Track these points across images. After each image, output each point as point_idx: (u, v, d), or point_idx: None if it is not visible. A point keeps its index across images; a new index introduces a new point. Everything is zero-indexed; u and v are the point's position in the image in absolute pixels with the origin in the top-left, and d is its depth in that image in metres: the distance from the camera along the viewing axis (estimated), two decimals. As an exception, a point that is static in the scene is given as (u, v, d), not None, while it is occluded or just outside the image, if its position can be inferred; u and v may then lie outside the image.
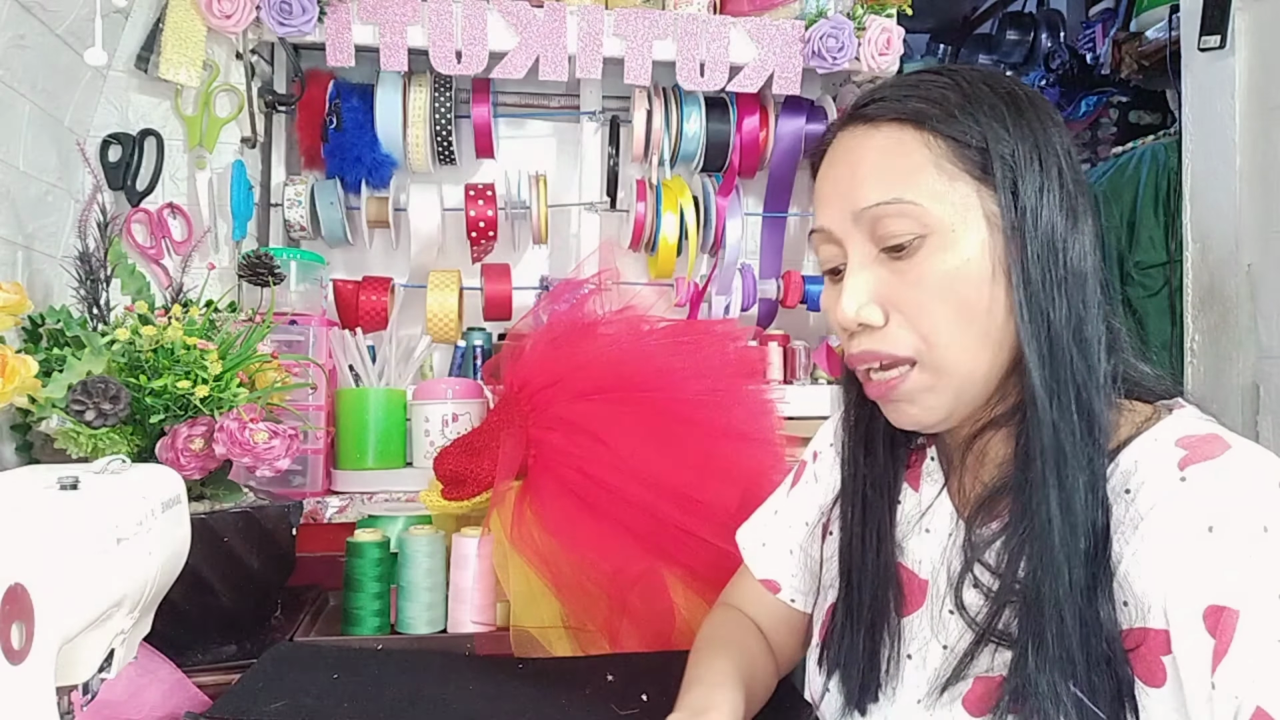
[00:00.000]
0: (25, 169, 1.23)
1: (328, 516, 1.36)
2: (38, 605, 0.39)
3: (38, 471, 0.54)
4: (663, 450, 1.01)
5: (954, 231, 0.59)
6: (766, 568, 0.80)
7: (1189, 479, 0.52)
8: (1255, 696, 0.46)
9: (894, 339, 0.60)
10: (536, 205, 1.55)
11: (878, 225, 0.60)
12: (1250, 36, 1.61)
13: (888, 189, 0.60)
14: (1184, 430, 0.56)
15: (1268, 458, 0.52)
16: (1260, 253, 1.60)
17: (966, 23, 2.82)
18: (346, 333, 1.47)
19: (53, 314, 1.09)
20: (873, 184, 0.60)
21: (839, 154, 0.64)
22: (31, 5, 1.18)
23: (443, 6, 1.45)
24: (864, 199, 0.60)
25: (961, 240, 0.59)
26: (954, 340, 0.59)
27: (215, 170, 1.47)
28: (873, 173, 0.61)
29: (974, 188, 0.59)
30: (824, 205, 0.65)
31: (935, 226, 0.59)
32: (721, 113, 1.61)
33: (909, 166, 0.60)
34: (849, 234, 0.62)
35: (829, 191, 0.64)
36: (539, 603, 0.97)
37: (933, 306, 0.59)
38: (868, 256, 0.62)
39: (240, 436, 0.90)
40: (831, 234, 0.64)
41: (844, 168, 0.63)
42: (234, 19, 1.40)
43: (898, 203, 0.59)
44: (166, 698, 0.74)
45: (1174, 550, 0.52)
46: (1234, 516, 0.50)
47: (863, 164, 0.62)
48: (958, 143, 0.59)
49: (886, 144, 0.61)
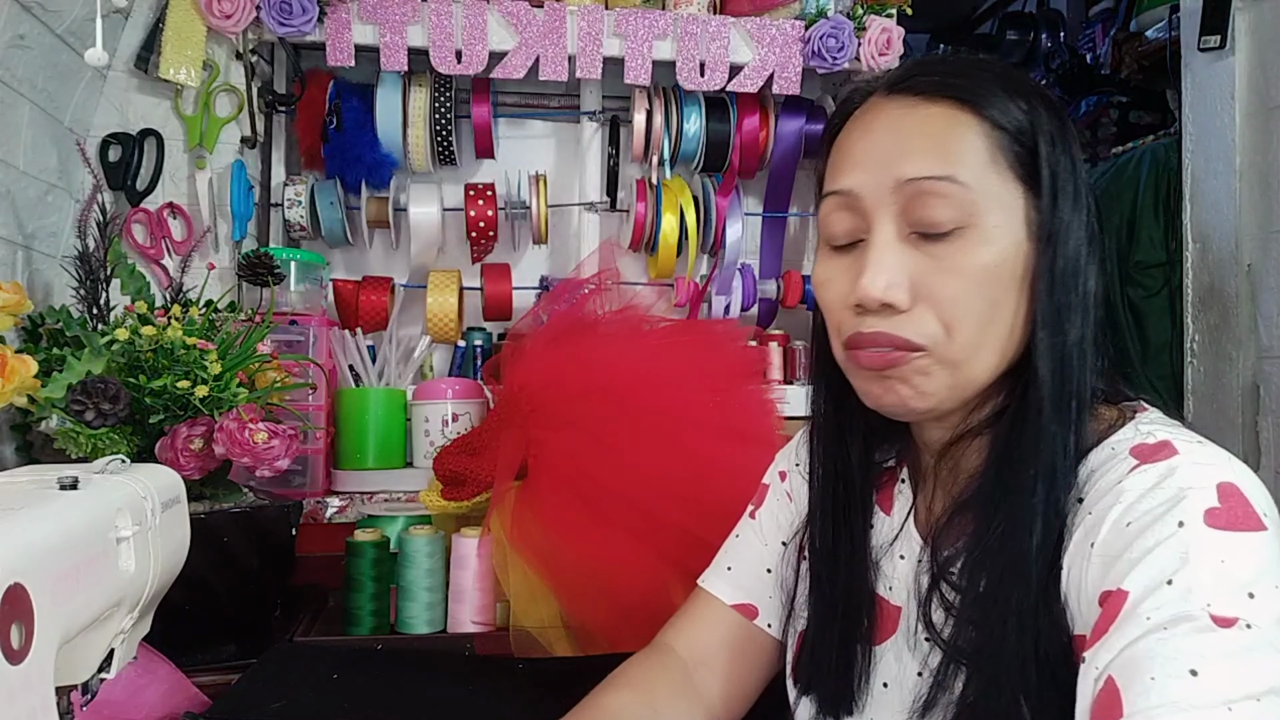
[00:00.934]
0: (25, 169, 1.23)
1: (328, 516, 1.36)
2: (38, 605, 0.39)
3: (38, 471, 0.54)
4: (663, 450, 1.01)
5: (996, 227, 0.57)
6: (737, 592, 0.75)
7: (1124, 483, 0.52)
8: (1110, 668, 0.45)
9: (915, 325, 0.57)
10: (536, 205, 1.55)
11: (920, 201, 0.56)
12: (1250, 36, 1.61)
13: (941, 165, 0.56)
14: (1140, 439, 0.55)
15: (1211, 463, 0.51)
16: (1260, 253, 1.60)
17: (966, 23, 2.82)
18: (346, 333, 1.47)
19: (53, 314, 1.09)
20: (923, 156, 0.57)
21: (879, 120, 0.60)
22: (31, 5, 1.17)
23: (443, 6, 1.45)
24: (912, 169, 0.57)
25: (1001, 238, 0.57)
26: (973, 337, 0.57)
27: (215, 170, 1.47)
28: (925, 145, 0.57)
29: (1020, 189, 0.57)
30: (854, 169, 0.60)
31: (979, 217, 0.56)
32: (721, 113, 1.61)
33: (963, 149, 0.57)
34: (881, 204, 0.58)
35: (863, 156, 0.60)
36: (539, 603, 0.97)
37: (965, 299, 0.56)
38: (898, 233, 0.58)
39: (240, 436, 0.90)
40: (859, 201, 0.59)
41: (887, 134, 0.59)
42: (234, 19, 1.40)
43: (950, 181, 0.56)
44: (166, 698, 0.74)
45: (1098, 549, 0.51)
46: (1153, 512, 0.49)
47: (913, 134, 0.58)
48: (1013, 140, 0.57)
49: (941, 121, 0.58)
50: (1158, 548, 0.48)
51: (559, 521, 0.99)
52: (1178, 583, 0.46)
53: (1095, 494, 0.54)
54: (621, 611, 0.95)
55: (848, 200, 0.60)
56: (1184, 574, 0.46)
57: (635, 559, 0.96)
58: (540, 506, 1.00)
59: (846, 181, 0.60)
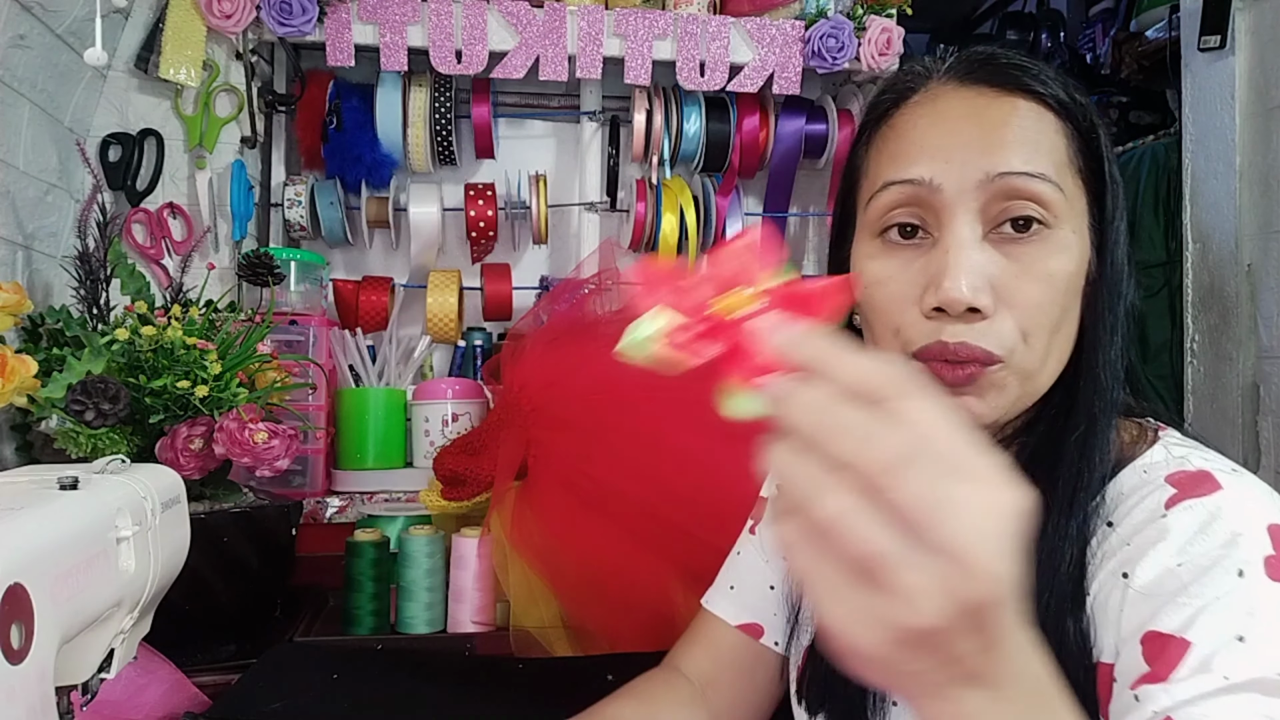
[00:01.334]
0: (25, 169, 1.23)
1: (328, 516, 1.36)
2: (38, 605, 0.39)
3: (38, 471, 0.54)
4: (664, 450, 1.01)
5: (1073, 233, 0.55)
6: (741, 612, 0.73)
7: (1170, 518, 0.50)
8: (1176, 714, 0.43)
9: (996, 334, 0.53)
10: (536, 205, 1.55)
11: (1009, 199, 0.53)
12: (1250, 36, 1.61)
13: (1037, 163, 0.54)
14: (1176, 465, 0.53)
15: (1258, 499, 0.49)
16: (1260, 253, 1.60)
17: (966, 23, 2.82)
18: (346, 333, 1.47)
19: (53, 314, 1.09)
20: (1018, 151, 0.54)
21: (954, 108, 0.57)
22: (31, 5, 1.17)
23: (443, 6, 1.45)
24: (1006, 163, 0.53)
25: (1075, 243, 0.55)
26: (1044, 347, 0.54)
27: (215, 170, 1.47)
28: (1018, 139, 0.54)
29: (1088, 201, 0.56)
30: (928, 158, 0.55)
31: (1061, 220, 0.54)
32: (721, 113, 1.61)
33: (1052, 148, 0.55)
34: (962, 198, 0.54)
35: (941, 144, 0.55)
36: (539, 603, 0.97)
37: (1044, 306, 0.53)
38: (976, 233, 0.54)
39: (240, 436, 0.90)
40: (935, 193, 0.55)
41: (970, 124, 0.55)
42: (234, 19, 1.40)
43: (1043, 179, 0.53)
44: (166, 698, 0.74)
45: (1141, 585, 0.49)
46: (1208, 556, 0.47)
47: (1003, 128, 0.54)
48: (1083, 142, 0.56)
49: (1030, 116, 0.55)
50: (1221, 600, 0.46)
51: (559, 521, 0.99)
52: (1250, 641, 0.44)
53: (1129, 522, 0.52)
54: (621, 611, 0.95)
55: (918, 192, 0.55)
56: (1254, 631, 0.44)
57: (635, 559, 0.96)
58: (540, 506, 1.00)
59: (919, 170, 0.55)
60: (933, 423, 0.32)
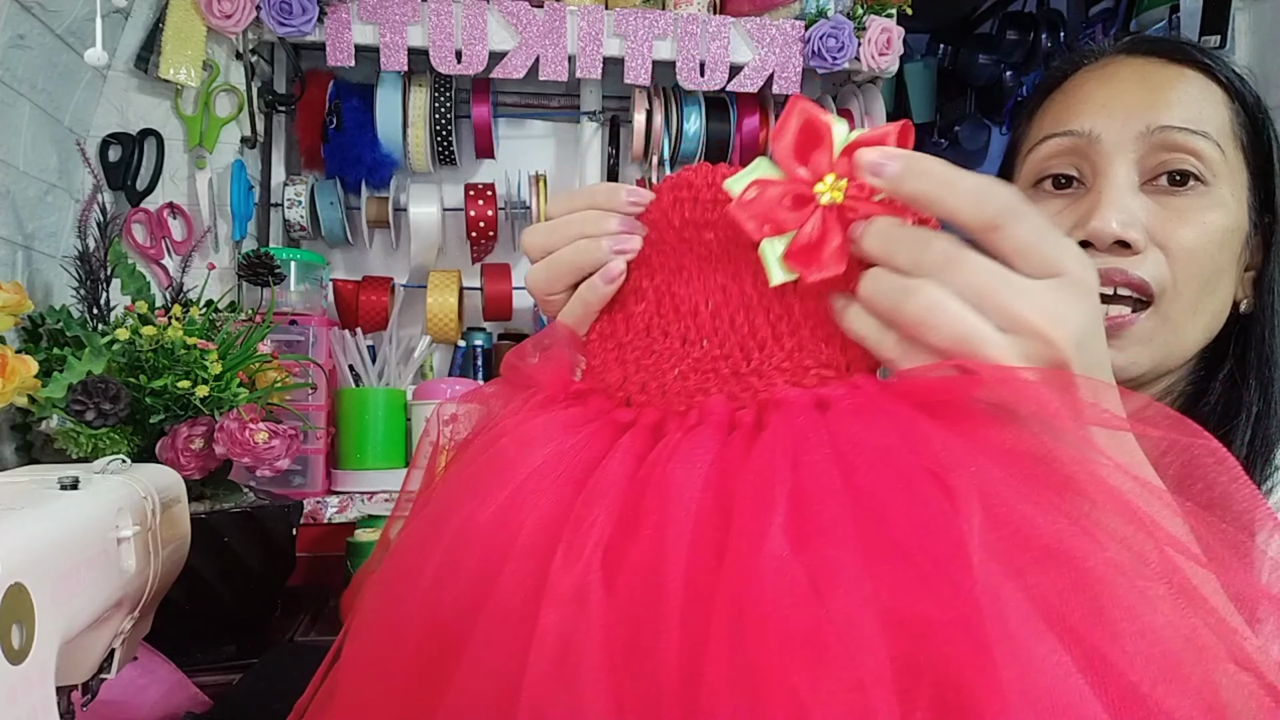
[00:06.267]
0: (25, 169, 1.23)
1: (328, 516, 1.36)
2: (38, 605, 0.39)
3: (38, 471, 0.54)
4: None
5: (1232, 197, 0.55)
6: None
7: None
8: None
9: (1149, 265, 0.54)
10: (536, 205, 1.55)
11: (1168, 150, 0.55)
12: (1250, 36, 1.61)
13: (1196, 120, 0.55)
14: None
15: None
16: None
17: (966, 23, 2.82)
18: (346, 333, 1.47)
19: (53, 314, 1.09)
20: (1179, 108, 0.55)
21: (1123, 71, 0.58)
22: (31, 5, 1.17)
23: (443, 6, 1.45)
24: (1167, 117, 0.55)
25: (1233, 207, 0.55)
26: (1194, 300, 0.54)
27: (215, 170, 1.47)
28: (1181, 98, 0.56)
29: (1249, 179, 0.57)
30: (1092, 113, 0.57)
31: (1219, 181, 0.55)
32: (721, 113, 1.61)
33: (1214, 114, 0.56)
34: (1120, 149, 0.56)
35: (1106, 101, 0.57)
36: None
37: (1198, 251, 0.54)
38: (1133, 180, 0.55)
39: (240, 436, 0.90)
40: (1095, 144, 0.57)
41: (1136, 84, 0.57)
42: (234, 19, 1.40)
43: (1204, 136, 0.55)
44: (166, 698, 0.74)
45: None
46: None
47: (1167, 88, 0.56)
48: (1248, 119, 0.57)
49: (1194, 85, 0.57)
50: None
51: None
52: None
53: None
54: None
55: (1078, 143, 0.57)
56: None
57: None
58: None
59: (1081, 123, 0.57)
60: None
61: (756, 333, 0.39)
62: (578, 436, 0.37)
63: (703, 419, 0.36)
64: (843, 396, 0.34)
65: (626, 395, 0.41)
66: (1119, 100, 0.57)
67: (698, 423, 0.36)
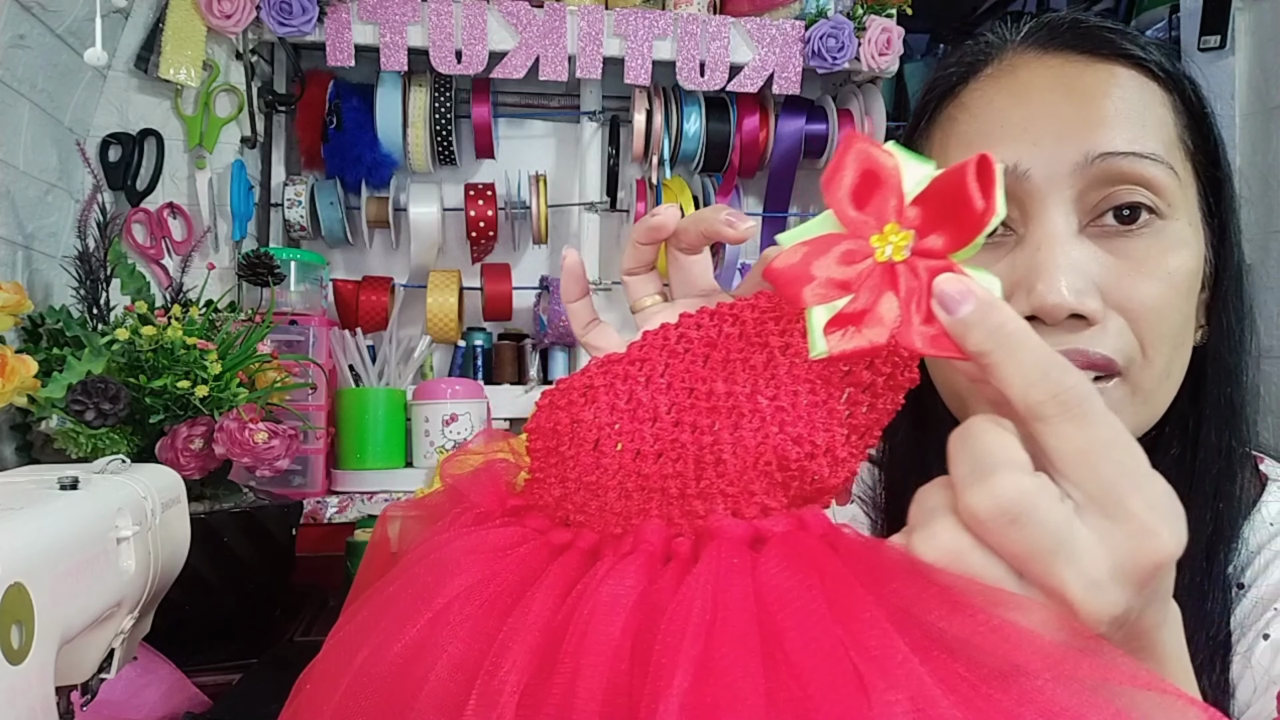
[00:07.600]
0: (25, 169, 1.23)
1: (328, 516, 1.36)
2: (38, 605, 0.39)
3: (38, 471, 0.54)
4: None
5: (1189, 227, 0.45)
6: None
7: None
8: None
9: (1110, 338, 0.44)
10: (536, 205, 1.55)
11: (1109, 185, 0.44)
12: (1250, 36, 1.61)
13: (1140, 138, 0.44)
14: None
15: None
16: (1260, 252, 1.60)
17: (966, 23, 2.82)
18: (346, 333, 1.47)
19: (53, 314, 1.09)
20: (1121, 127, 0.44)
21: (1039, 79, 0.47)
22: (31, 5, 1.17)
23: (443, 6, 1.45)
24: (1106, 141, 0.44)
25: (1192, 241, 0.45)
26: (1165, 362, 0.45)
27: (215, 170, 1.47)
28: (1120, 113, 0.45)
29: (1202, 192, 0.47)
30: (1013, 140, 0.45)
31: (1177, 212, 0.45)
32: (721, 113, 1.61)
33: (1158, 123, 0.45)
34: (1054, 185, 0.45)
35: (1026, 122, 0.46)
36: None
37: (1163, 310, 0.44)
38: (1072, 225, 0.45)
39: (240, 436, 0.90)
40: (1022, 180, 0.45)
41: (1059, 97, 0.46)
42: (234, 19, 1.40)
43: (1154, 161, 0.44)
44: (166, 698, 0.74)
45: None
46: None
47: (1100, 99, 0.45)
48: (1200, 128, 0.47)
49: (1130, 89, 0.46)
50: None
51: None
52: None
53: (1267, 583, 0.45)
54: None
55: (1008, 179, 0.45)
56: None
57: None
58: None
59: (1002, 155, 0.45)
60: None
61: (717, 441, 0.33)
62: (506, 561, 0.34)
63: (635, 546, 0.32)
64: (782, 537, 0.30)
65: (565, 514, 0.37)
66: (1044, 123, 0.45)
67: (630, 550, 0.32)
